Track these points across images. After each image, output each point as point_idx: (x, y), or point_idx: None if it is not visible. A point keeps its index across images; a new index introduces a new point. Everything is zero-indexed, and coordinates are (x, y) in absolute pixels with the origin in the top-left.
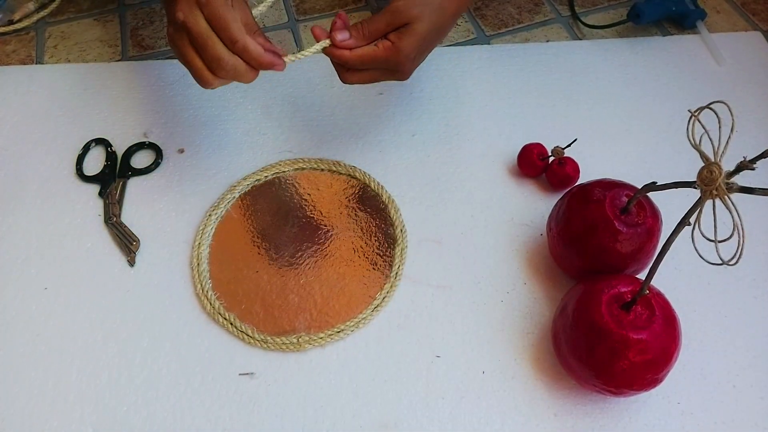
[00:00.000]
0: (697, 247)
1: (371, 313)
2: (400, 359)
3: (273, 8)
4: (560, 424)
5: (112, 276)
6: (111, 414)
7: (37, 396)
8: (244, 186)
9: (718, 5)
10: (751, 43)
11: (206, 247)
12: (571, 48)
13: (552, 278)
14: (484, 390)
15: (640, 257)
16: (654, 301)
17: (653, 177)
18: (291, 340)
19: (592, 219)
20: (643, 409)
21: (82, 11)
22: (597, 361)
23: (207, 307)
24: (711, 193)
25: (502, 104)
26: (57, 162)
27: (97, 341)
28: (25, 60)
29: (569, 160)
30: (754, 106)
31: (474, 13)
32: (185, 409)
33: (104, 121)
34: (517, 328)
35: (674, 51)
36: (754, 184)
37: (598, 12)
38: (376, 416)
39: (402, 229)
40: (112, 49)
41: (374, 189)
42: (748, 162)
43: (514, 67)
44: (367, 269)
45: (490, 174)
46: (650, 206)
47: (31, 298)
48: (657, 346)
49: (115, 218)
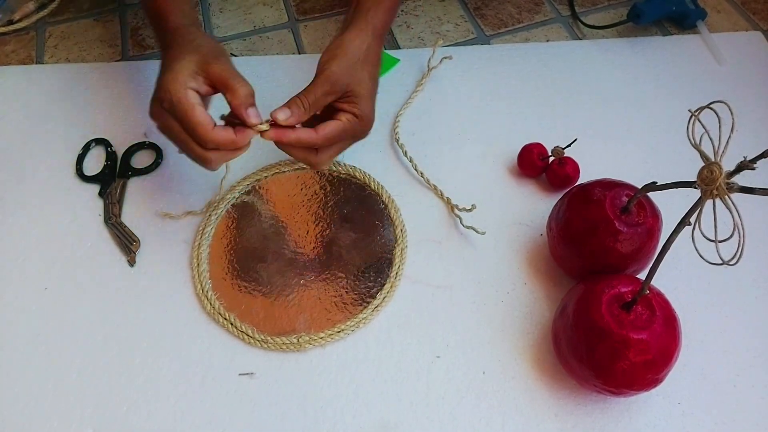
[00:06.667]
0: (697, 247)
1: (371, 313)
2: (400, 359)
3: (273, 8)
4: (560, 424)
5: (112, 276)
6: (111, 414)
7: (37, 396)
8: (244, 186)
9: (719, 5)
10: (752, 43)
11: (206, 247)
12: (571, 48)
13: (552, 278)
14: (484, 390)
15: (641, 257)
16: (654, 301)
17: (653, 177)
18: (291, 340)
19: (592, 219)
20: (644, 409)
21: (82, 11)
22: (597, 361)
23: (207, 307)
24: (711, 193)
25: (502, 104)
26: (57, 162)
27: (97, 341)
28: (24, 60)
29: (569, 160)
30: (755, 106)
31: (474, 13)
32: (185, 409)
33: (104, 121)
34: (518, 329)
35: (674, 51)
36: (754, 184)
37: (598, 12)
38: (376, 416)
39: (402, 229)
40: (112, 49)
41: (374, 189)
42: (749, 162)
43: (514, 67)
44: (368, 269)
45: (490, 174)
46: (650, 206)
47: (31, 298)
48: (657, 346)
49: (115, 218)
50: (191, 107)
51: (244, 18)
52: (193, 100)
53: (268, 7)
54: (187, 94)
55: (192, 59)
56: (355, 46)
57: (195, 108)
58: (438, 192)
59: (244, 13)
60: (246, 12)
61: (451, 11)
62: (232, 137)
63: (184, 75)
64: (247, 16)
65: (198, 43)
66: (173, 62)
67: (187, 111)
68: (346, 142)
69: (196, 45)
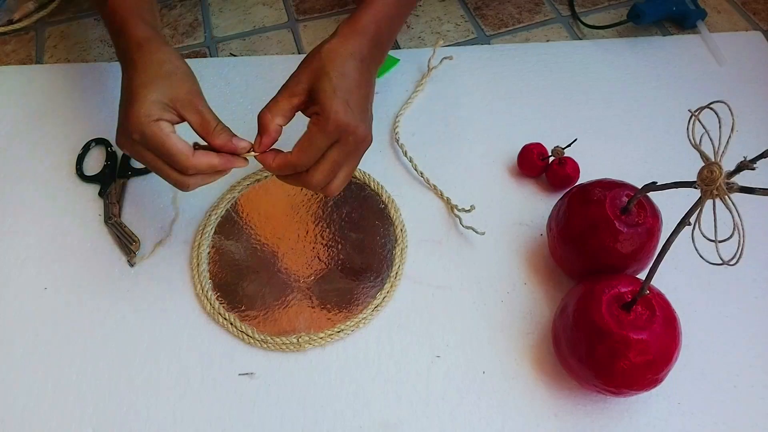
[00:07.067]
0: (697, 247)
1: (371, 313)
2: (401, 359)
3: (272, 8)
4: (560, 424)
5: (112, 276)
6: (111, 414)
7: (37, 396)
8: (244, 186)
9: (719, 5)
10: (752, 43)
11: (206, 247)
12: (571, 48)
13: (552, 278)
14: (484, 390)
15: (641, 257)
16: (654, 301)
17: (653, 177)
18: (291, 340)
19: (592, 219)
20: (644, 409)
21: (82, 11)
22: (597, 362)
23: (207, 307)
24: (711, 193)
25: (502, 104)
26: (57, 162)
27: (97, 341)
28: (24, 60)
29: (569, 160)
30: (755, 106)
31: (474, 13)
32: (185, 409)
33: (104, 121)
34: (517, 329)
35: (674, 51)
36: (754, 184)
37: (598, 12)
38: (376, 416)
39: (402, 229)
40: (112, 49)
41: (374, 189)
42: (749, 162)
43: (514, 67)
44: (367, 269)
45: (490, 174)
46: (650, 206)
47: (31, 298)
48: (657, 346)
49: (115, 218)
50: (166, 137)
51: (244, 18)
52: (167, 130)
53: (267, 7)
54: (160, 125)
55: (162, 92)
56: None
57: (170, 137)
58: (438, 192)
59: (243, 13)
60: (245, 12)
61: (452, 11)
62: (214, 162)
63: (155, 109)
64: (246, 16)
65: (166, 70)
66: (141, 89)
67: (163, 142)
68: (333, 153)
69: (165, 71)
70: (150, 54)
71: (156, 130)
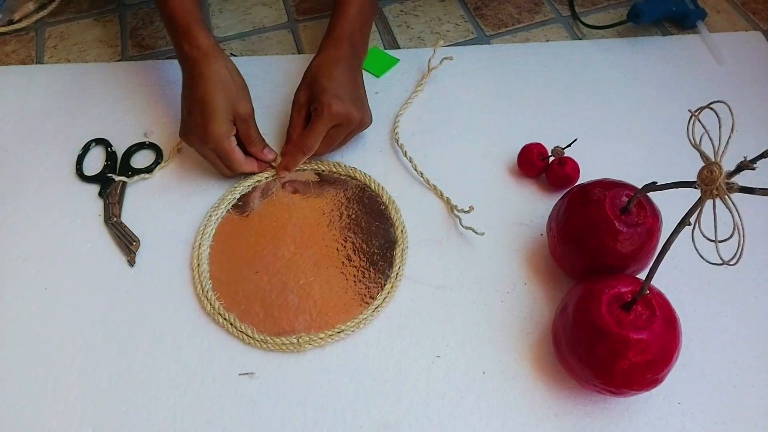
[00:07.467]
0: (697, 247)
1: (371, 314)
2: (401, 359)
3: (272, 8)
4: (560, 424)
5: (112, 276)
6: (111, 414)
7: (37, 396)
8: (244, 186)
9: (719, 5)
10: (752, 43)
11: (206, 247)
12: (571, 48)
13: (552, 278)
14: (484, 390)
15: (641, 257)
16: (654, 301)
17: (653, 177)
18: (291, 341)
19: (592, 219)
20: (644, 409)
21: (82, 11)
22: (597, 361)
23: (207, 307)
24: (711, 193)
25: (502, 104)
26: (57, 162)
27: (97, 341)
28: (24, 60)
29: (569, 160)
30: (755, 106)
31: (474, 13)
32: (185, 409)
33: (104, 121)
34: (517, 328)
35: (674, 51)
36: (754, 184)
37: (598, 12)
38: (376, 416)
39: (402, 230)
40: (112, 49)
41: (374, 189)
42: (749, 162)
43: (514, 67)
44: (368, 270)
45: (490, 174)
46: (650, 206)
47: (31, 298)
48: (657, 346)
49: (115, 218)
50: (232, 151)
51: (244, 18)
52: (234, 144)
53: (267, 7)
54: (230, 141)
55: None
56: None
57: (235, 151)
58: (438, 192)
59: (243, 13)
60: (245, 12)
61: (451, 11)
62: (254, 168)
63: (227, 127)
64: (246, 16)
65: (226, 83)
66: (215, 106)
67: (229, 153)
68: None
69: (225, 84)
70: (218, 68)
71: (227, 145)
